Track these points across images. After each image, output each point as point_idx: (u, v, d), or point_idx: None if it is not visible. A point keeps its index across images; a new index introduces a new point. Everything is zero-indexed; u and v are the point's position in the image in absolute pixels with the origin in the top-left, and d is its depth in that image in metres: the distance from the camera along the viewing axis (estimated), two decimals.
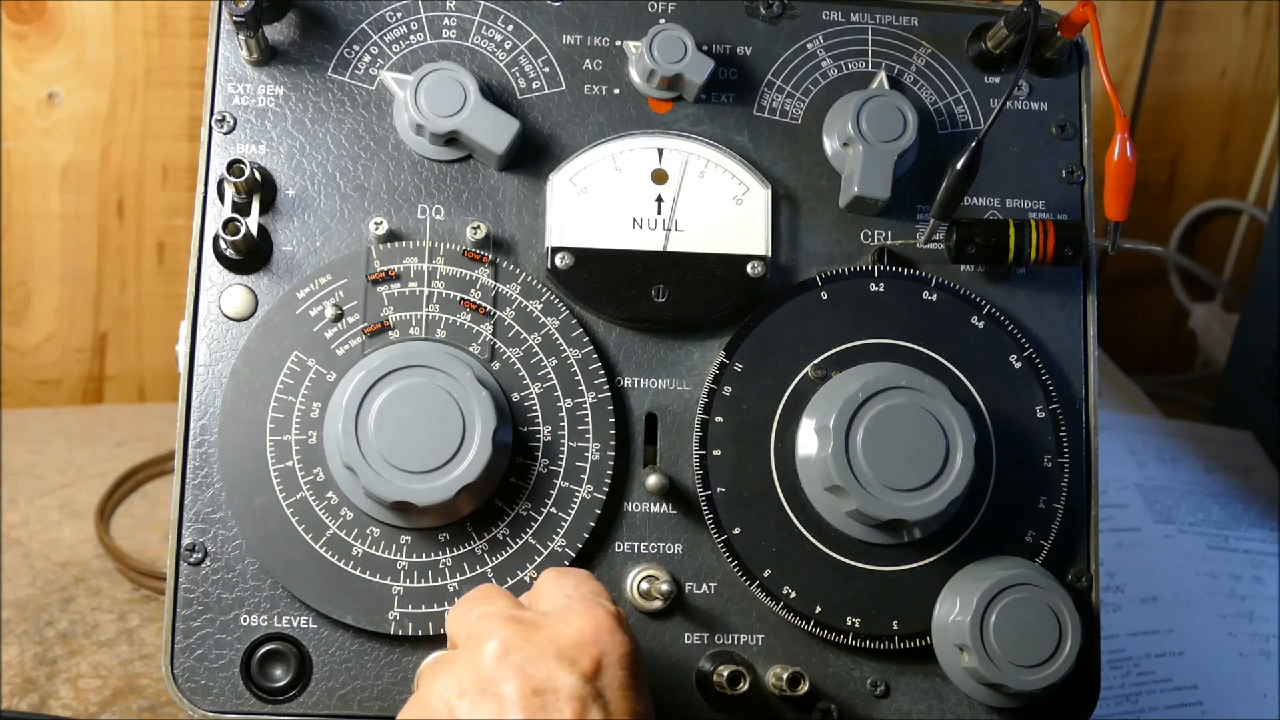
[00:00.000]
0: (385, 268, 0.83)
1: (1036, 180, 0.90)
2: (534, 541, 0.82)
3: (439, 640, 0.81)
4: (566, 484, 0.83)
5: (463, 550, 0.81)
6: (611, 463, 0.83)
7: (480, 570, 0.81)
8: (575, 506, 0.82)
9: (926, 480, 0.81)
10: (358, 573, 0.81)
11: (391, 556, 0.81)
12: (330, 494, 0.81)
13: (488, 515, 0.82)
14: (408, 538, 0.81)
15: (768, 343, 0.85)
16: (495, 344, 0.83)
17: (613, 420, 0.83)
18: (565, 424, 0.83)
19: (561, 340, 0.84)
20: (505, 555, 0.82)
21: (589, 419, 0.83)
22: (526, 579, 0.81)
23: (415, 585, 0.81)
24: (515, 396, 0.83)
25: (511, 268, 0.84)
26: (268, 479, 0.81)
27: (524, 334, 0.83)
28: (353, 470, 0.78)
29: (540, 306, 0.84)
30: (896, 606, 0.83)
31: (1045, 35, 0.89)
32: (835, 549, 0.84)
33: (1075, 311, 0.89)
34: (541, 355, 0.83)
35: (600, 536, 0.83)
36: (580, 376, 0.83)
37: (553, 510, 0.82)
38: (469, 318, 0.83)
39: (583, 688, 0.66)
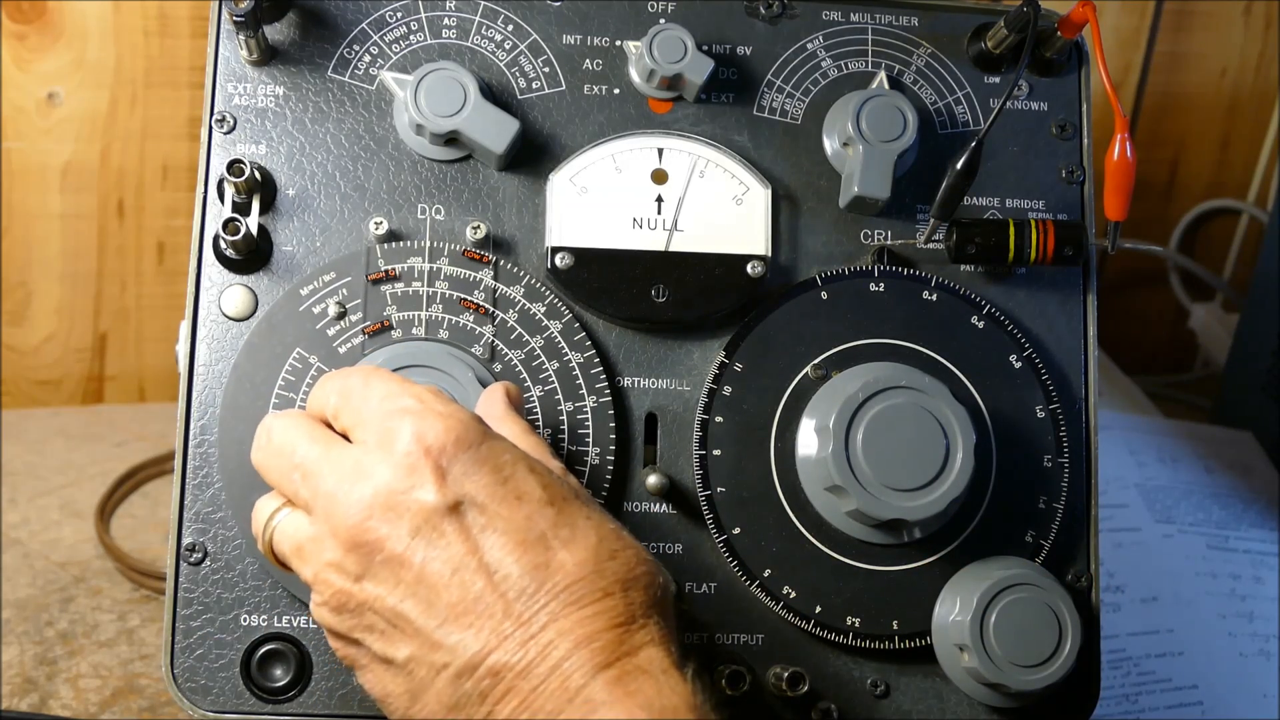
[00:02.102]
0: (387, 267, 0.83)
1: (1036, 180, 0.90)
2: None
3: None
4: None
5: None
6: (610, 468, 0.83)
7: None
8: None
9: (926, 480, 0.81)
10: None
11: None
12: None
13: None
14: None
15: (768, 343, 0.85)
16: (497, 345, 0.83)
17: (613, 425, 0.83)
18: (565, 427, 0.83)
19: (564, 344, 0.84)
20: None
21: (589, 423, 0.83)
22: None
23: None
24: None
25: (515, 270, 0.84)
26: None
27: (526, 336, 0.83)
28: None
29: (544, 309, 0.84)
30: (896, 606, 0.83)
31: (1045, 35, 0.89)
32: (835, 549, 0.84)
33: (1075, 311, 0.89)
34: (544, 358, 0.83)
35: None
36: (581, 380, 0.83)
37: None
38: (472, 318, 0.83)
39: (439, 498, 0.65)
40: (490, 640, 0.64)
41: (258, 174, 0.83)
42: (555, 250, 0.84)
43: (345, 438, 0.71)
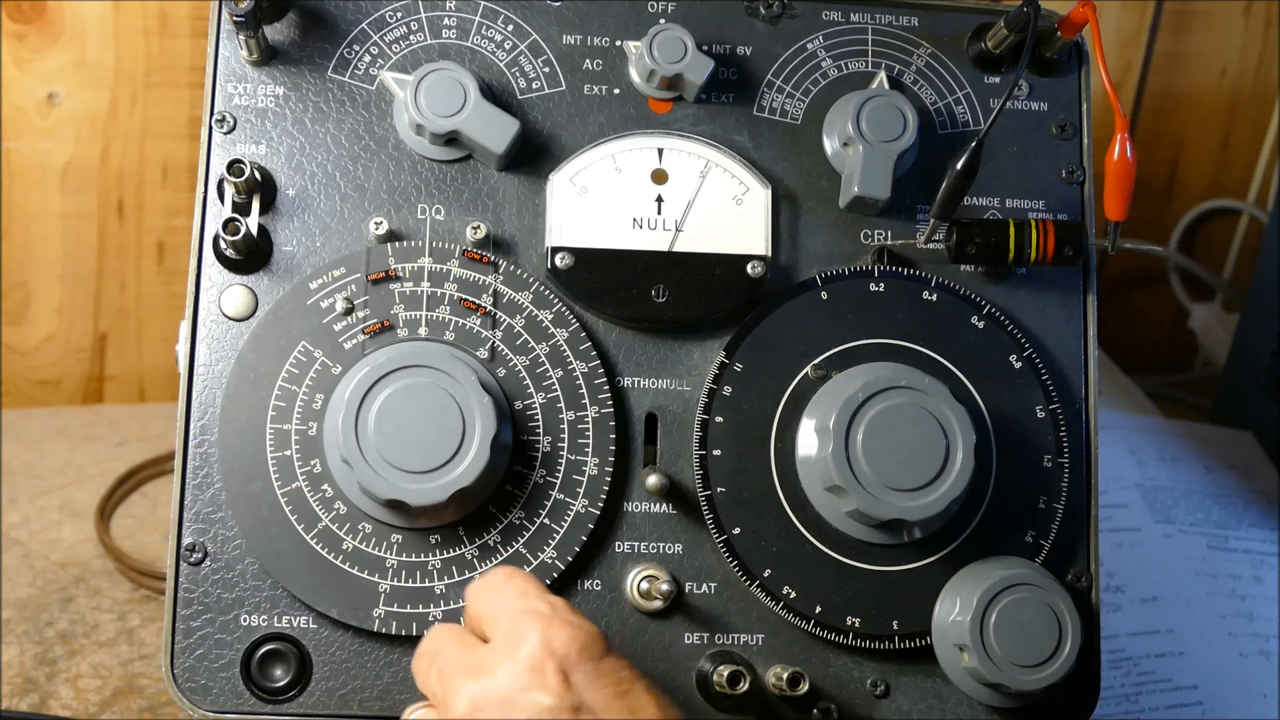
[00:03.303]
0: (391, 267, 0.83)
1: (1036, 180, 0.90)
2: (524, 551, 0.82)
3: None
4: (562, 496, 0.83)
5: (453, 554, 0.81)
6: (609, 479, 0.83)
7: (469, 575, 0.81)
8: (568, 520, 0.82)
9: (926, 480, 0.81)
10: (346, 567, 0.81)
11: (381, 554, 0.81)
12: (325, 486, 0.81)
13: (481, 520, 0.82)
14: (399, 536, 0.81)
15: (768, 343, 0.85)
16: (501, 350, 0.83)
17: (613, 437, 0.83)
18: (566, 436, 0.83)
19: (569, 352, 0.84)
20: (495, 562, 0.81)
21: (590, 433, 0.83)
22: None
23: (403, 585, 0.81)
24: (518, 405, 0.83)
25: (525, 275, 0.84)
26: (264, 466, 0.81)
27: (532, 343, 0.83)
28: (349, 465, 0.78)
29: (550, 317, 0.84)
30: (896, 606, 0.83)
31: (1045, 35, 0.89)
32: (835, 549, 0.84)
33: (1075, 311, 0.89)
34: (548, 365, 0.83)
35: (600, 536, 0.83)
36: (585, 390, 0.83)
37: (545, 521, 0.82)
38: (478, 321, 0.83)
39: (559, 701, 0.67)
40: None
41: (258, 174, 0.83)
42: (555, 250, 0.84)
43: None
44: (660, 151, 0.86)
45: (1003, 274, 0.88)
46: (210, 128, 0.85)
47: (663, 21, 0.88)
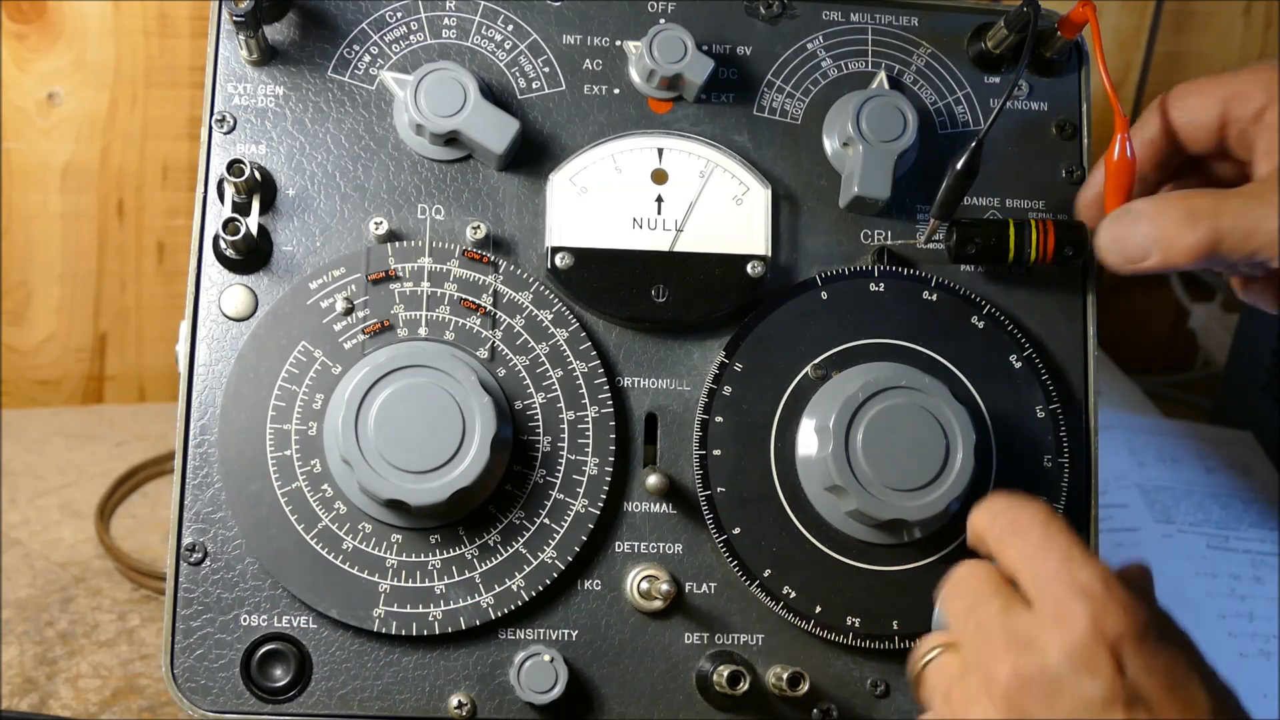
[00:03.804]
0: (391, 267, 0.83)
1: (1036, 180, 0.90)
2: (524, 551, 0.82)
3: (424, 641, 0.81)
4: (562, 496, 0.83)
5: (452, 553, 0.81)
6: (609, 479, 0.83)
7: (468, 575, 0.81)
8: (569, 519, 0.82)
9: (926, 480, 0.81)
10: (346, 567, 0.81)
11: (381, 554, 0.81)
12: (325, 486, 0.81)
13: (481, 520, 0.82)
14: (399, 536, 0.81)
15: (768, 343, 0.85)
16: (501, 350, 0.83)
17: (613, 436, 0.83)
18: (566, 436, 0.83)
19: (569, 352, 0.84)
20: (494, 562, 0.82)
21: (590, 433, 0.83)
22: (514, 587, 0.81)
23: (402, 585, 0.81)
24: (518, 405, 0.83)
25: (525, 275, 0.84)
26: (264, 466, 0.81)
27: (532, 343, 0.83)
28: (349, 465, 0.78)
29: (550, 317, 0.84)
30: (896, 606, 0.83)
31: (1045, 35, 0.89)
32: (835, 549, 0.84)
33: (1075, 311, 0.89)
34: (548, 365, 0.83)
35: (600, 536, 0.84)
36: (585, 390, 0.83)
37: (545, 521, 0.82)
38: (478, 321, 0.83)
39: (1111, 691, 0.64)
40: None
41: (258, 174, 0.83)
42: (555, 250, 0.84)
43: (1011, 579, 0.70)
44: (660, 151, 0.86)
45: (1003, 274, 0.88)
46: (210, 128, 0.85)
47: (663, 21, 0.88)
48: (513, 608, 0.82)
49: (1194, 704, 0.65)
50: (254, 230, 0.82)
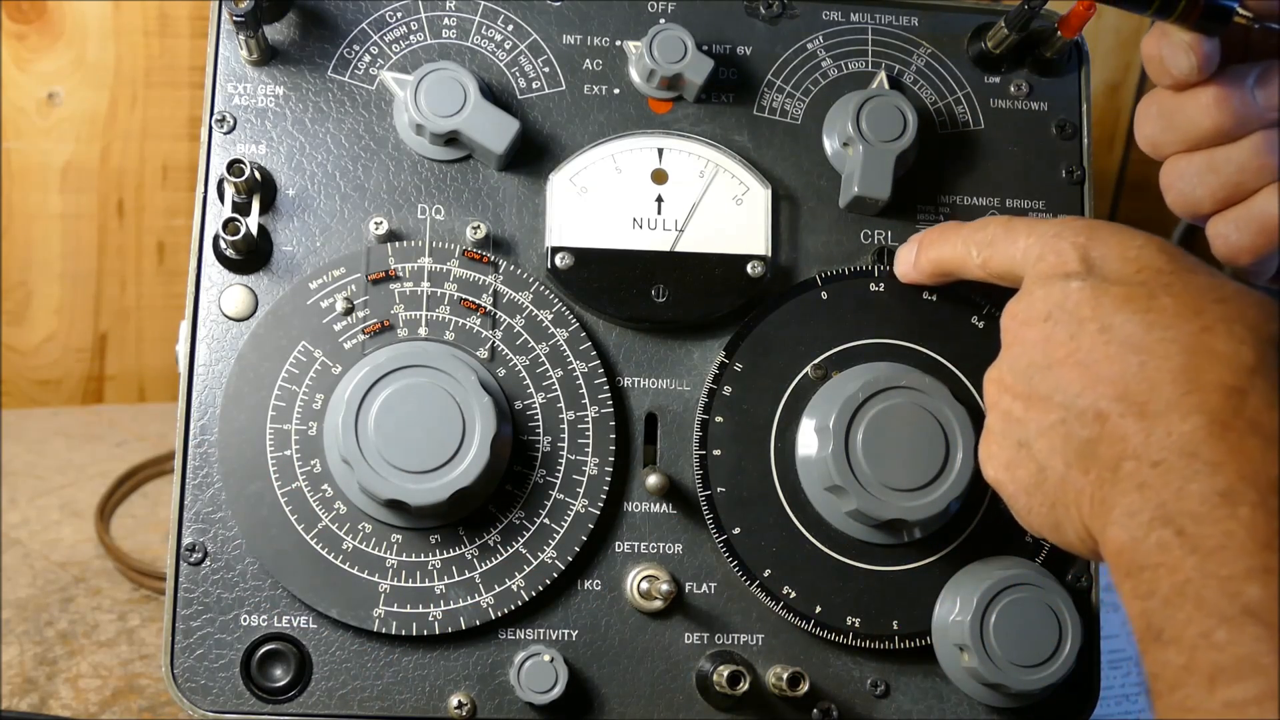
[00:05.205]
0: (391, 267, 0.83)
1: (1036, 180, 0.90)
2: (524, 551, 0.82)
3: (424, 641, 0.81)
4: (562, 496, 0.83)
5: (452, 553, 0.81)
6: (609, 479, 0.83)
7: (468, 575, 0.81)
8: (569, 519, 0.82)
9: (926, 480, 0.81)
10: (346, 567, 0.81)
11: (381, 554, 0.81)
12: (325, 486, 0.81)
13: (480, 520, 0.82)
14: (399, 536, 0.81)
15: (768, 343, 0.85)
16: (501, 350, 0.83)
17: (613, 436, 0.83)
18: (566, 436, 0.83)
19: (569, 352, 0.84)
20: (494, 562, 0.82)
21: (590, 433, 0.83)
22: (514, 587, 0.81)
23: (403, 585, 0.81)
24: (518, 405, 0.83)
25: (525, 275, 0.84)
26: (264, 466, 0.81)
27: (532, 343, 0.83)
28: (349, 465, 0.78)
29: (550, 317, 0.84)
30: (896, 606, 0.83)
31: (1045, 35, 0.89)
32: (835, 549, 0.84)
33: None
34: (548, 365, 0.83)
35: (600, 536, 0.84)
36: (585, 390, 0.83)
37: (545, 521, 0.82)
38: (478, 321, 0.83)
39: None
40: None
41: (258, 174, 0.83)
42: (555, 250, 0.84)
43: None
44: (660, 151, 0.86)
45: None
46: (210, 128, 0.85)
47: (663, 21, 0.88)
48: (513, 608, 0.82)
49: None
50: (254, 230, 0.82)
